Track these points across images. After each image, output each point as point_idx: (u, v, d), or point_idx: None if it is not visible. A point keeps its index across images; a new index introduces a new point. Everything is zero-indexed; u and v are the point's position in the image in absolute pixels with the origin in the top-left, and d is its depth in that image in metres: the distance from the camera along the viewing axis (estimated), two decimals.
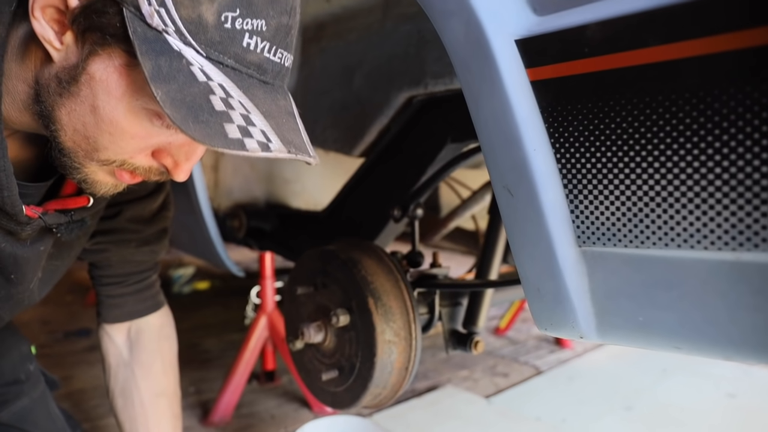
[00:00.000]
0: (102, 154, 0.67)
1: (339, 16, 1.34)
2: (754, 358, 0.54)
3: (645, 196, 0.57)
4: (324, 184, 1.93)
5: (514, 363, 2.34)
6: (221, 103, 0.58)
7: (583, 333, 0.65)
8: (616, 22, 0.55)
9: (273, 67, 0.64)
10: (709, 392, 2.01)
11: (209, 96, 0.58)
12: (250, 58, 0.61)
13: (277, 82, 0.66)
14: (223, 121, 0.58)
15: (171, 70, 0.57)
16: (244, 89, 0.61)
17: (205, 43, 0.59)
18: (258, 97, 0.62)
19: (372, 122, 1.31)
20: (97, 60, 0.61)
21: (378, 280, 1.00)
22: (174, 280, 3.46)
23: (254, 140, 0.59)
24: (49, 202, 0.83)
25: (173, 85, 0.57)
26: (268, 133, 0.60)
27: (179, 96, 0.57)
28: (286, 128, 0.64)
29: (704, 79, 0.51)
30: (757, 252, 0.51)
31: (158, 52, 0.57)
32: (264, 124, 0.61)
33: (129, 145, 0.66)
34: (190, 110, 0.57)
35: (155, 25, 0.57)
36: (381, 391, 1.03)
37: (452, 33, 0.67)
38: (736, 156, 0.51)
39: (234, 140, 0.57)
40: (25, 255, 0.85)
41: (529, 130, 0.63)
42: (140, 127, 0.64)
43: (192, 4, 0.57)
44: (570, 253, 0.64)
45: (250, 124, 0.59)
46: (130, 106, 0.63)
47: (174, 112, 0.56)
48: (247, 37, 0.60)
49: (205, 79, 0.58)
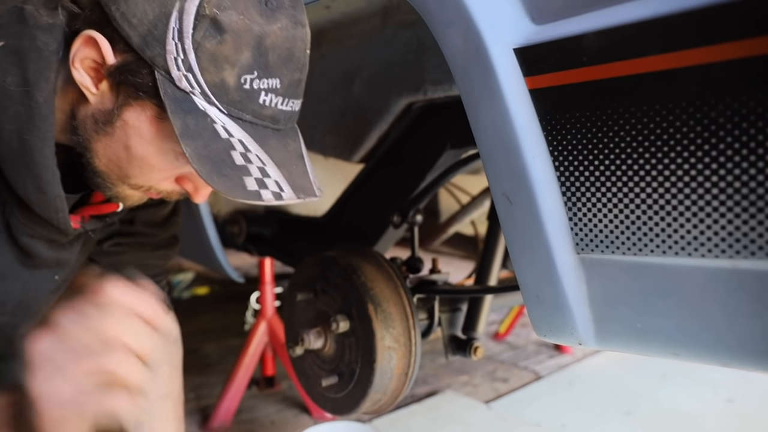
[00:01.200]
0: (132, 180, 0.76)
1: (339, 23, 1.34)
2: (752, 364, 0.55)
3: (643, 204, 0.58)
4: (324, 189, 1.93)
5: (514, 368, 2.34)
6: (241, 158, 0.67)
7: (582, 339, 0.66)
8: (613, 31, 0.56)
9: (284, 116, 0.72)
10: (708, 397, 2.01)
11: (230, 151, 0.66)
12: (266, 113, 0.69)
13: (288, 126, 0.74)
14: (243, 175, 0.66)
15: (197, 127, 0.65)
16: (260, 142, 0.69)
17: (227, 102, 0.66)
18: (271, 147, 0.71)
19: (371, 128, 1.32)
20: (130, 109, 0.70)
21: (378, 286, 1.00)
22: (173, 286, 3.46)
23: (269, 191, 0.67)
24: (84, 209, 0.90)
25: (199, 142, 0.65)
26: (281, 183, 0.69)
27: (205, 152, 0.65)
28: (296, 174, 0.73)
29: (701, 88, 0.52)
30: (755, 259, 0.52)
31: (186, 111, 0.65)
32: (278, 175, 0.69)
33: (156, 176, 0.75)
34: (214, 165, 0.65)
35: (183, 87, 0.65)
36: (381, 397, 1.04)
37: (451, 42, 0.67)
38: (732, 164, 0.51)
39: (252, 192, 0.66)
40: (67, 256, 0.93)
41: (527, 138, 0.63)
42: (167, 163, 0.73)
43: (216, 70, 0.65)
44: (568, 260, 0.64)
45: (265, 176, 0.68)
46: (159, 148, 0.71)
47: (201, 167, 0.64)
48: (263, 95, 0.68)
49: (227, 136, 0.66)
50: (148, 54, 0.65)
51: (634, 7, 0.55)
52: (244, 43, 0.65)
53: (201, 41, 0.64)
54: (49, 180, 0.74)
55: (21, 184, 0.75)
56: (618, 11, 0.56)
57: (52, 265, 0.92)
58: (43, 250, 0.87)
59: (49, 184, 0.75)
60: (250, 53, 0.66)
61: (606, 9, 0.57)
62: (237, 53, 0.65)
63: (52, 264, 0.91)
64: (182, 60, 0.65)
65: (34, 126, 0.71)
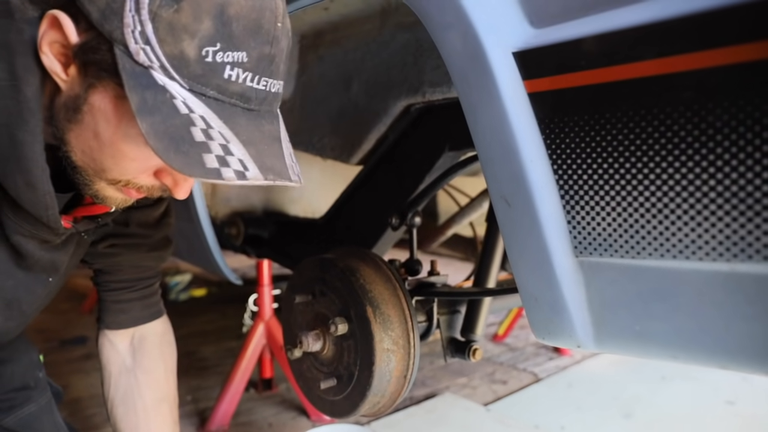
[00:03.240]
0: (108, 174, 0.73)
1: (337, 25, 1.34)
2: (750, 367, 0.55)
3: (641, 208, 0.58)
4: (322, 191, 1.93)
5: (513, 370, 2.34)
6: (201, 134, 0.63)
7: (581, 342, 0.66)
8: (612, 35, 0.56)
9: (257, 95, 0.68)
10: (707, 399, 2.01)
11: (190, 127, 0.63)
12: (233, 89, 0.65)
13: (263, 108, 0.70)
14: (202, 152, 0.62)
15: (156, 102, 0.62)
16: (225, 119, 0.65)
17: (188, 76, 0.63)
18: (240, 125, 0.66)
19: (370, 130, 1.32)
20: (96, 92, 0.67)
21: (376, 288, 1.00)
22: (171, 287, 3.46)
23: (231, 169, 0.63)
24: (77, 210, 0.90)
25: (157, 118, 0.62)
26: (246, 162, 0.65)
27: (162, 128, 0.62)
28: (267, 154, 0.68)
29: (699, 93, 0.52)
30: (752, 263, 0.52)
31: (144, 86, 0.62)
32: (243, 153, 0.65)
33: (131, 167, 0.72)
34: (171, 141, 0.61)
35: (141, 62, 0.62)
36: (379, 400, 1.03)
37: (450, 45, 0.67)
38: (730, 168, 0.51)
39: (211, 170, 0.62)
40: (61, 258, 0.92)
41: (526, 142, 0.63)
42: (138, 151, 0.69)
43: (174, 41, 0.62)
44: (567, 263, 0.64)
45: (228, 154, 0.63)
46: (126, 132, 0.68)
47: (157, 143, 0.61)
48: (228, 69, 0.64)
49: (187, 112, 0.63)
50: (106, 28, 0.63)
51: (632, 12, 0.55)
52: (203, 11, 0.62)
53: (157, 11, 0.61)
54: (38, 176, 0.73)
55: (11, 181, 0.73)
56: (616, 15, 0.56)
57: (47, 267, 0.91)
58: (35, 251, 0.86)
59: (39, 180, 0.73)
60: (211, 22, 0.62)
61: (604, 13, 0.57)
62: (196, 22, 0.62)
63: (46, 265, 0.91)
64: (139, 32, 0.62)
65: (23, 121, 0.70)
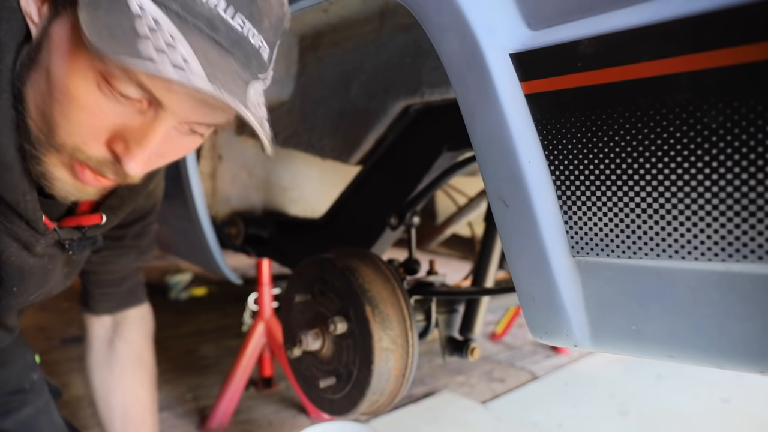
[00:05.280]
0: (57, 135, 0.64)
1: (336, 26, 1.35)
2: (744, 366, 0.56)
3: (637, 208, 0.59)
4: (321, 191, 1.93)
5: (511, 368, 2.35)
6: (146, 29, 0.54)
7: (578, 342, 0.66)
8: (608, 37, 0.56)
9: (228, 31, 0.59)
10: (703, 397, 2.02)
11: (135, 21, 0.54)
12: (198, 9, 0.57)
13: (235, 52, 0.61)
14: (139, 39, 0.53)
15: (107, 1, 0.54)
16: (184, 32, 0.56)
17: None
18: (198, 43, 0.57)
19: (369, 131, 1.32)
20: (59, 21, 0.60)
21: (375, 288, 1.01)
22: (171, 287, 3.46)
23: (169, 60, 0.53)
24: (65, 219, 0.86)
25: (100, 12, 0.54)
26: (190, 61, 0.54)
27: (104, 21, 0.53)
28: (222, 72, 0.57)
29: (694, 94, 0.52)
30: (746, 263, 0.52)
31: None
32: (190, 55, 0.55)
33: (79, 119, 0.62)
34: (108, 28, 0.53)
35: None
36: (378, 398, 1.04)
37: (448, 47, 0.68)
38: (725, 169, 0.52)
39: (145, 57, 0.52)
40: (32, 270, 0.86)
41: (523, 143, 0.64)
42: (88, 93, 0.60)
43: None
44: (564, 263, 0.65)
45: (170, 48, 0.54)
46: (77, 65, 0.59)
47: (90, 28, 0.53)
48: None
49: (138, 11, 0.54)
50: None
51: (629, 14, 0.56)
52: None
53: None
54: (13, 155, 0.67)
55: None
56: (613, 17, 0.57)
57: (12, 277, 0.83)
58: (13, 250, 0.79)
59: (14, 159, 0.67)
60: None
61: (601, 15, 0.58)
62: None
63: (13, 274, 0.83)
64: None
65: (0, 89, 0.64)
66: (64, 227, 0.84)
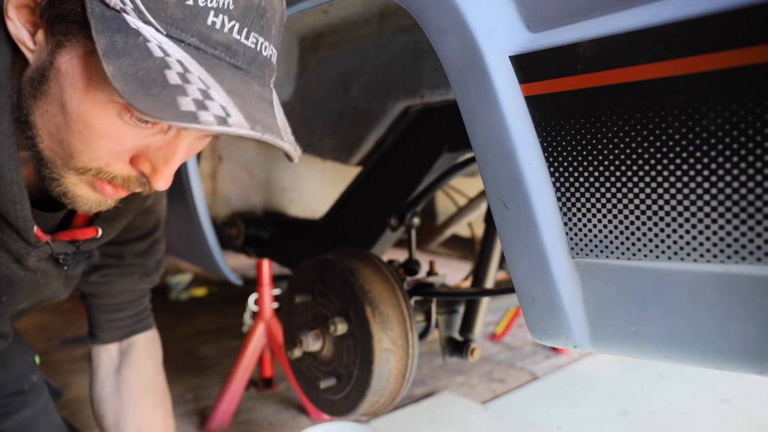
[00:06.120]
0: (77, 160, 0.64)
1: (336, 27, 1.35)
2: (744, 367, 0.56)
3: (636, 210, 0.59)
4: (321, 192, 1.94)
5: (511, 368, 2.35)
6: (177, 77, 0.55)
7: (577, 343, 0.67)
8: (608, 40, 0.57)
9: (245, 51, 0.60)
10: (703, 397, 2.02)
11: (164, 70, 0.54)
12: (216, 38, 0.58)
13: (252, 69, 0.62)
14: (177, 94, 0.54)
15: (126, 46, 0.54)
16: (207, 67, 0.57)
17: (166, 20, 0.56)
18: (223, 76, 0.58)
19: (369, 131, 1.32)
20: (64, 52, 0.60)
21: (375, 288, 1.01)
22: (171, 287, 3.46)
23: (210, 113, 0.54)
24: (59, 233, 0.83)
25: (126, 61, 0.54)
26: (229, 109, 0.56)
27: (131, 71, 0.54)
28: (255, 109, 0.59)
29: (693, 97, 0.53)
30: (745, 264, 0.53)
31: (114, 30, 0.55)
32: (225, 100, 0.56)
33: (101, 147, 0.63)
34: (141, 84, 0.53)
35: (113, 5, 0.55)
36: (378, 399, 1.04)
37: (448, 49, 0.68)
38: (724, 171, 0.52)
39: (186, 113, 0.53)
40: (21, 283, 0.84)
41: (523, 144, 0.64)
42: (109, 123, 0.61)
43: None
44: (564, 265, 0.65)
45: (207, 99, 0.55)
46: (95, 98, 0.60)
47: (124, 86, 0.53)
48: (212, 15, 0.56)
49: (162, 55, 0.55)
50: None
51: (628, 17, 0.56)
52: None
53: None
54: (4, 161, 0.65)
55: None
56: (612, 20, 0.57)
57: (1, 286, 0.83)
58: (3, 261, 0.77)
59: (5, 165, 0.66)
60: None
61: (600, 18, 0.58)
62: None
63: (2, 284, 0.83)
64: None
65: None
66: (58, 241, 0.81)
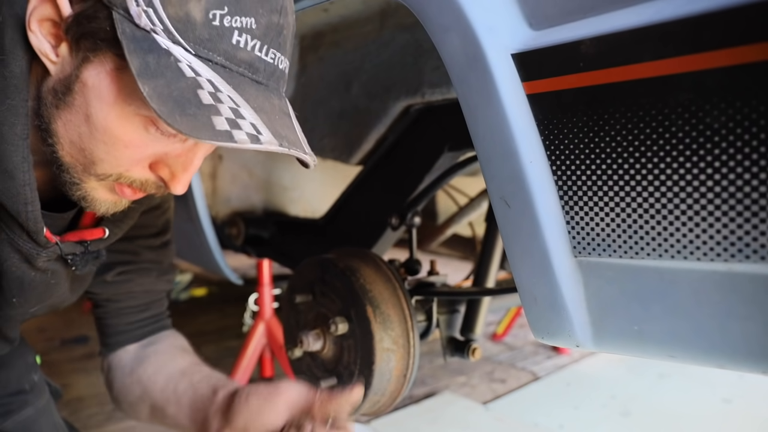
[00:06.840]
0: (99, 167, 0.67)
1: (336, 26, 1.34)
2: (746, 366, 0.56)
3: (639, 208, 0.58)
4: (322, 191, 1.93)
5: (512, 369, 2.35)
6: (209, 97, 0.59)
7: (580, 342, 0.66)
8: (610, 38, 0.56)
9: (266, 67, 0.64)
10: (705, 397, 2.02)
11: (197, 90, 0.58)
12: (241, 56, 0.62)
13: (271, 83, 0.66)
14: (211, 114, 0.58)
15: (159, 66, 0.58)
16: (234, 85, 0.61)
17: (194, 41, 0.59)
18: (249, 93, 0.62)
19: (369, 131, 1.32)
20: (90, 67, 0.62)
21: (376, 288, 1.01)
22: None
23: (243, 132, 0.58)
24: (67, 234, 0.83)
25: (160, 81, 0.57)
26: (259, 127, 0.60)
27: (166, 91, 0.57)
28: (279, 124, 0.64)
29: (696, 94, 0.52)
30: (748, 263, 0.52)
31: (146, 50, 0.58)
32: (254, 118, 0.60)
33: (124, 156, 0.66)
34: (177, 104, 0.57)
35: (143, 25, 0.58)
36: (379, 399, 1.04)
37: (450, 47, 0.68)
38: (727, 169, 0.52)
39: (222, 132, 0.57)
40: (33, 283, 0.85)
41: (525, 143, 0.64)
42: (134, 134, 0.64)
43: (179, 2, 0.58)
44: (566, 263, 0.65)
45: (239, 117, 0.59)
46: (122, 111, 0.63)
47: (161, 107, 0.56)
48: (236, 35, 0.60)
49: (193, 75, 0.59)
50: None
51: (630, 14, 0.56)
52: None
53: None
54: (17, 163, 0.67)
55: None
56: (614, 18, 0.57)
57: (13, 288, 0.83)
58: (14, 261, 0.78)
59: (18, 168, 0.67)
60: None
61: (602, 15, 0.58)
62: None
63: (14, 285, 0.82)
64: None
65: (5, 96, 0.64)
66: (66, 241, 0.82)
